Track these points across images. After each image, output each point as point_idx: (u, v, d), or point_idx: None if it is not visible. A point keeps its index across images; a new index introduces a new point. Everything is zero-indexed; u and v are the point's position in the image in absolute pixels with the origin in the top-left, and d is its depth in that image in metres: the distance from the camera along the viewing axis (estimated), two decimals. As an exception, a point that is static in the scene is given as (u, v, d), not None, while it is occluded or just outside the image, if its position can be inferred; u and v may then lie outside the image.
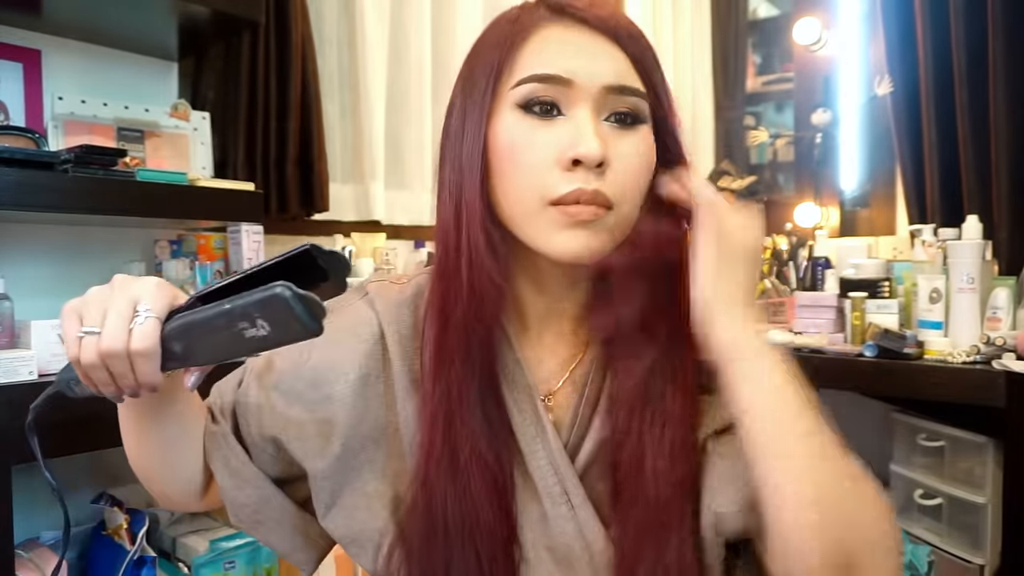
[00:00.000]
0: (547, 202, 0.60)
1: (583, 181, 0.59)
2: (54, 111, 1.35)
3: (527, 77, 0.60)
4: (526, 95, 0.61)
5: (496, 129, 0.62)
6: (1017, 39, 1.56)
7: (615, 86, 0.61)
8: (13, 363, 1.06)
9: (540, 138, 0.60)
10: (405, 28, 2.02)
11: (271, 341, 0.51)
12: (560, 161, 0.59)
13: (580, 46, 0.61)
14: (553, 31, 0.62)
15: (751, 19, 2.71)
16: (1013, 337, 1.33)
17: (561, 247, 0.60)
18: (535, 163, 0.60)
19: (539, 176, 0.60)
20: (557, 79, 0.60)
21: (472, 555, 0.62)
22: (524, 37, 0.62)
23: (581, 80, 0.60)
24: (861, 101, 2.15)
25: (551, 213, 0.60)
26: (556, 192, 0.59)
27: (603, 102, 0.61)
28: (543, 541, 0.64)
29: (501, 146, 0.61)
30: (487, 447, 0.64)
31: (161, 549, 1.38)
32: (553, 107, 0.61)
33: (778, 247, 1.87)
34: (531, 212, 0.61)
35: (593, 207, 0.59)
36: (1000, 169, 1.58)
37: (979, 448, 1.41)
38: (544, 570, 0.64)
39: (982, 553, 1.40)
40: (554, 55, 0.61)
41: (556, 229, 0.60)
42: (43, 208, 1.14)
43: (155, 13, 1.39)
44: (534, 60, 0.61)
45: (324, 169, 1.73)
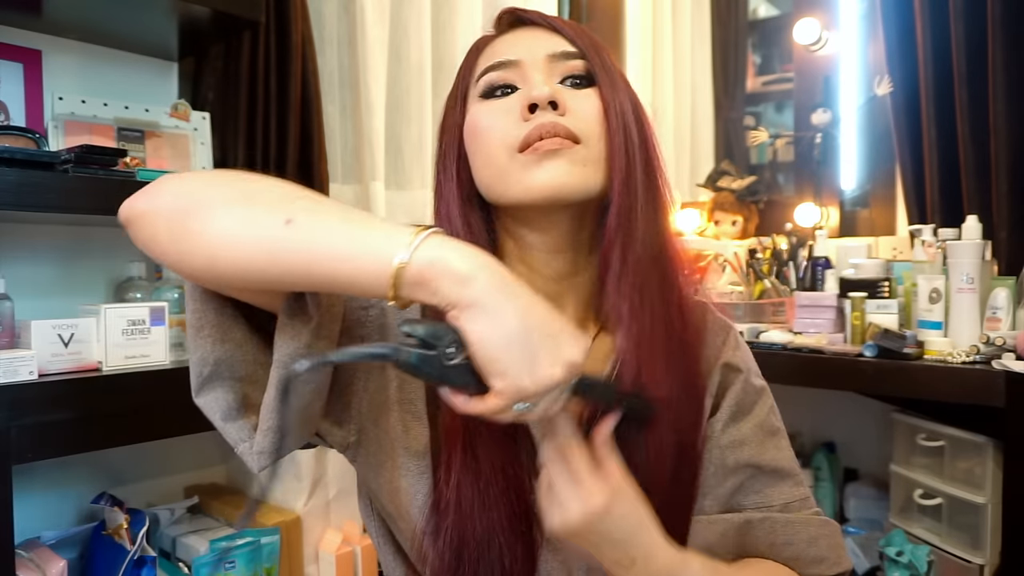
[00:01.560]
0: (515, 150, 0.65)
1: (541, 119, 0.64)
2: (54, 111, 1.35)
3: (481, 72, 0.69)
4: (485, 85, 0.69)
5: (467, 121, 0.70)
6: (1017, 39, 1.56)
7: (556, 53, 0.68)
8: (13, 363, 1.06)
9: (500, 107, 0.67)
10: (405, 28, 2.02)
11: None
12: (520, 115, 0.65)
13: (521, 37, 0.71)
14: (501, 36, 0.72)
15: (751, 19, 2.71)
16: (1013, 337, 1.33)
17: (536, 182, 0.64)
18: (499, 127, 0.66)
19: (503, 134, 0.65)
20: (504, 63, 0.68)
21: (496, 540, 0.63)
22: (481, 50, 0.72)
23: (525, 56, 0.68)
24: (861, 101, 2.15)
25: (520, 159, 0.65)
26: (520, 139, 0.64)
27: (551, 69, 0.68)
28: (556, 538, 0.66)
29: (472, 128, 0.68)
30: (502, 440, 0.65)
31: (161, 549, 1.38)
32: (509, 87, 0.68)
33: (778, 247, 1.87)
34: (504, 166, 0.65)
35: (556, 137, 0.63)
36: (1000, 169, 1.58)
37: (979, 448, 1.41)
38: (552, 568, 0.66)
39: (982, 553, 1.40)
40: (503, 49, 0.70)
41: (528, 170, 0.64)
42: (43, 208, 1.14)
43: (155, 13, 1.39)
44: (488, 59, 0.70)
45: (324, 169, 1.73)
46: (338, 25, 1.91)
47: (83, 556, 1.32)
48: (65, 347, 1.14)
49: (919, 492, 1.55)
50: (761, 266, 1.85)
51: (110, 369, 1.18)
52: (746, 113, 2.65)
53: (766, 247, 1.91)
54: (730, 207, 2.24)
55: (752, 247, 1.97)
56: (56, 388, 1.08)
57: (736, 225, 2.23)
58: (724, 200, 2.26)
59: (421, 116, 2.04)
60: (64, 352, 1.14)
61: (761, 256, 1.90)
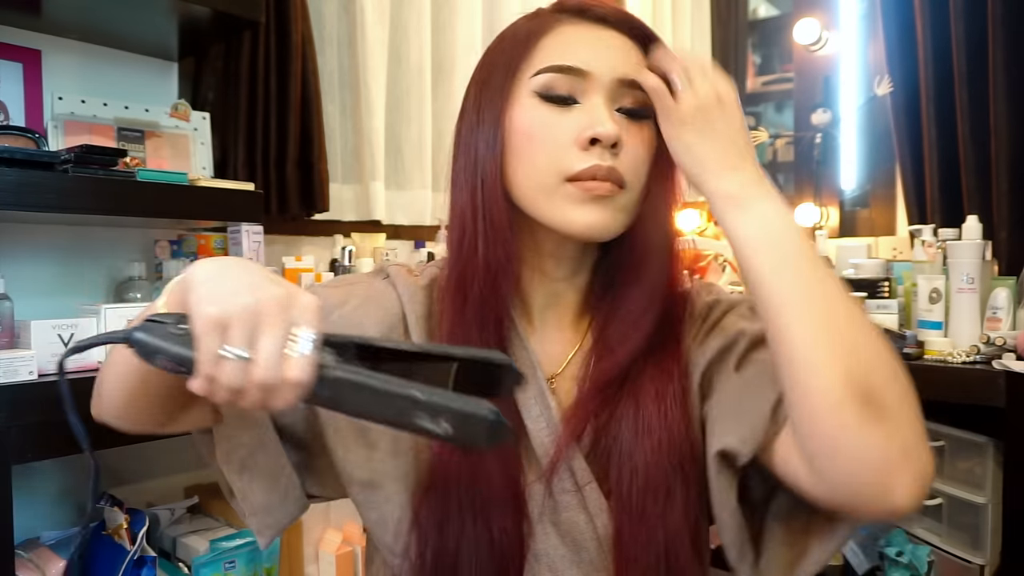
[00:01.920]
0: (564, 178, 0.63)
1: (599, 158, 0.63)
2: (54, 111, 1.35)
3: (546, 67, 0.65)
4: (544, 84, 0.65)
5: (515, 113, 0.66)
6: (1017, 39, 1.56)
7: (627, 79, 0.65)
8: (13, 363, 1.06)
9: (558, 120, 0.64)
10: (405, 28, 2.02)
11: (442, 438, 0.48)
12: (578, 141, 0.63)
13: (597, 39, 0.66)
14: (571, 27, 0.67)
15: (751, 19, 2.71)
16: (1013, 337, 1.33)
17: (577, 221, 0.64)
18: (554, 142, 0.64)
19: (557, 154, 0.64)
20: (574, 70, 0.64)
21: (484, 532, 0.64)
22: (543, 32, 0.67)
23: (596, 71, 0.64)
24: (861, 101, 2.15)
25: (568, 189, 0.64)
26: (573, 168, 0.63)
27: (615, 94, 0.65)
28: (549, 516, 0.66)
29: (520, 128, 0.65)
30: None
31: (161, 549, 1.38)
32: (569, 98, 0.65)
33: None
34: (549, 188, 0.64)
35: (608, 183, 0.63)
36: (1000, 169, 1.58)
37: (979, 448, 1.41)
38: (550, 544, 0.66)
39: (982, 553, 1.40)
40: (572, 47, 0.65)
41: (572, 204, 0.64)
42: (43, 208, 1.14)
43: (155, 13, 1.39)
44: (553, 52, 0.65)
45: (324, 169, 1.73)
46: (338, 25, 1.91)
47: (83, 556, 1.32)
48: (65, 347, 1.14)
49: (919, 492, 1.55)
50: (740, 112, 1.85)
51: (110, 369, 1.18)
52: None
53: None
54: (730, 207, 2.24)
55: (752, 247, 1.96)
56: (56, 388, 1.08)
57: (736, 225, 2.23)
58: (724, 200, 2.25)
59: (421, 116, 2.04)
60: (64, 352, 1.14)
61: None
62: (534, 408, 0.68)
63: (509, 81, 0.66)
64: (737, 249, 0.60)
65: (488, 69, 0.69)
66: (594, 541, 0.66)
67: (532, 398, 0.68)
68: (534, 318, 0.72)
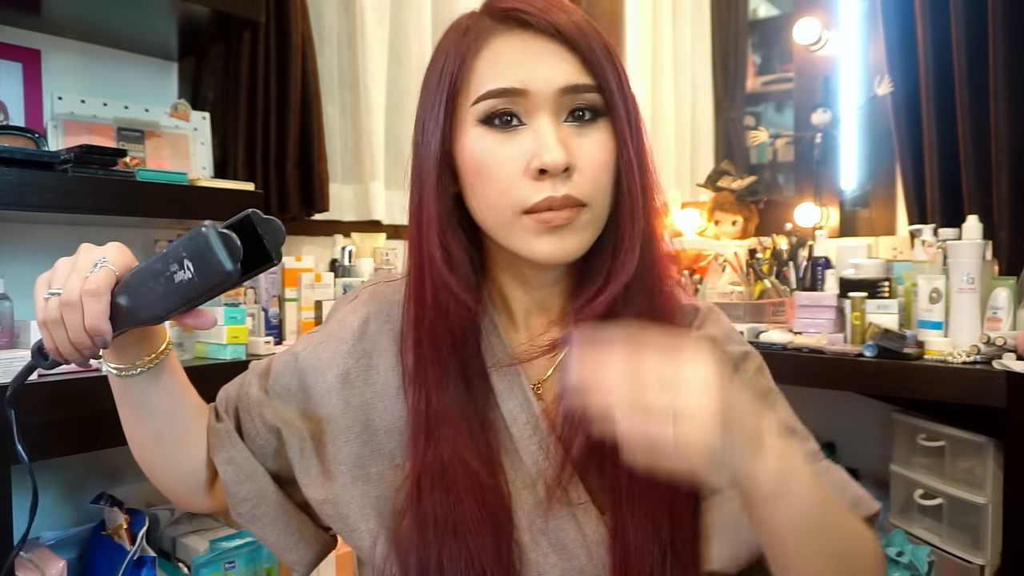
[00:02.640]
0: (520, 211, 0.62)
1: (552, 189, 0.61)
2: (54, 111, 1.35)
3: (484, 94, 0.62)
4: (485, 111, 0.62)
5: (462, 145, 0.64)
6: (1017, 39, 1.56)
7: (568, 87, 0.62)
8: (13, 363, 1.06)
9: (505, 151, 0.62)
10: (405, 28, 2.02)
11: (196, 285, 0.55)
12: (528, 171, 0.61)
13: (529, 54, 0.62)
14: (502, 42, 0.63)
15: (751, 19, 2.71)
16: (1013, 337, 1.33)
17: (539, 252, 0.63)
18: (503, 176, 0.62)
19: (509, 188, 0.62)
20: (512, 91, 0.62)
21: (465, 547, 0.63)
22: (475, 52, 0.63)
23: (535, 88, 0.61)
24: (861, 101, 2.15)
25: (525, 221, 0.62)
26: (528, 202, 0.61)
27: (559, 104, 0.62)
28: (539, 525, 0.66)
29: (469, 162, 0.64)
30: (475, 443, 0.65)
31: (161, 549, 1.38)
32: (512, 117, 0.62)
33: (778, 247, 1.87)
34: (506, 222, 0.63)
35: (566, 211, 0.61)
36: (1000, 169, 1.58)
37: (979, 448, 1.41)
38: (540, 553, 0.65)
39: (982, 553, 1.40)
40: (506, 67, 0.62)
41: (532, 236, 0.63)
42: (43, 208, 1.14)
43: (155, 13, 1.39)
44: (488, 75, 0.63)
45: (324, 169, 1.73)
46: (338, 25, 1.91)
47: (83, 556, 1.32)
48: (65, 347, 1.14)
49: (919, 492, 1.55)
50: (761, 266, 1.85)
51: (110, 369, 1.18)
52: (746, 113, 2.65)
53: (766, 247, 1.91)
54: (730, 207, 2.24)
55: (752, 247, 1.96)
56: (56, 388, 1.08)
57: (736, 225, 2.23)
58: (724, 200, 2.26)
59: (421, 116, 2.04)
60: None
61: (761, 256, 1.90)
62: (520, 416, 0.67)
63: (451, 112, 0.64)
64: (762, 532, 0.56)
65: (429, 95, 0.66)
66: (583, 548, 0.65)
67: (518, 406, 0.67)
68: (519, 324, 0.71)
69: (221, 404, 0.76)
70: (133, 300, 0.60)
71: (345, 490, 0.68)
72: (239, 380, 0.78)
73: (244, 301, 1.43)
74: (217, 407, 0.76)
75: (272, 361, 0.76)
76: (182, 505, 0.80)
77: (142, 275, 0.60)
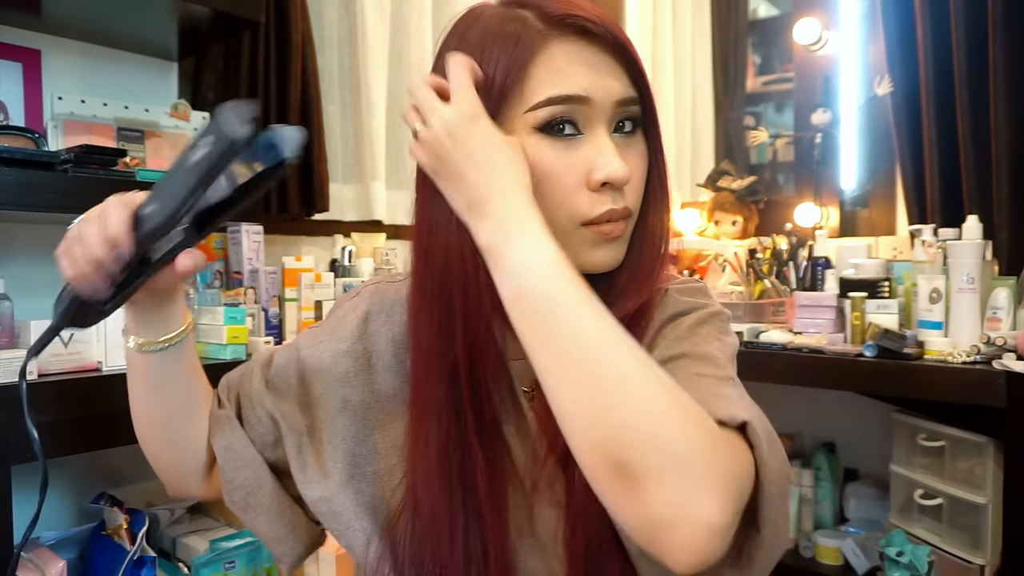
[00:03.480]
0: (579, 223, 0.62)
1: (612, 201, 0.62)
2: (54, 111, 1.35)
3: (545, 100, 0.60)
4: (546, 118, 0.61)
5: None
6: (1017, 39, 1.56)
7: (624, 99, 0.63)
8: (13, 363, 1.06)
9: (566, 162, 0.61)
10: (405, 28, 2.02)
11: (209, 156, 0.54)
12: (588, 183, 0.62)
13: (589, 62, 0.61)
14: (559, 49, 0.61)
15: (751, 19, 2.71)
16: (1013, 337, 1.33)
17: (595, 262, 0.64)
18: (564, 188, 0.62)
19: (569, 199, 0.62)
20: (576, 99, 0.61)
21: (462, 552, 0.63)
22: (530, 57, 0.61)
23: (597, 97, 0.61)
24: (861, 101, 2.15)
25: (584, 233, 0.63)
26: (589, 215, 0.62)
27: (613, 115, 0.63)
28: (526, 529, 0.66)
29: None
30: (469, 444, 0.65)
31: (161, 549, 1.38)
32: (570, 125, 0.62)
33: (778, 247, 1.87)
34: (564, 232, 0.62)
35: (622, 223, 0.63)
36: (1000, 169, 1.58)
37: (979, 448, 1.41)
38: (531, 561, 0.65)
39: (982, 553, 1.40)
40: (570, 75, 0.61)
41: (589, 247, 0.64)
42: (43, 208, 1.14)
43: (155, 13, 1.39)
44: (549, 82, 0.60)
45: (324, 169, 1.73)
46: (338, 25, 1.91)
47: (83, 556, 1.32)
48: (65, 347, 1.14)
49: (919, 492, 1.55)
50: (761, 266, 1.85)
51: (110, 369, 1.18)
52: (746, 113, 2.65)
53: (766, 247, 1.91)
54: (730, 207, 2.24)
55: (752, 247, 1.96)
56: (56, 388, 1.08)
57: (736, 225, 2.23)
58: (724, 200, 2.26)
59: (421, 116, 2.04)
60: (64, 352, 1.14)
61: (761, 256, 1.90)
62: (512, 420, 0.67)
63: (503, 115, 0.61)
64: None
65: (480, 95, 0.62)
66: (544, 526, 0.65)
67: (509, 410, 0.67)
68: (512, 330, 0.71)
69: (223, 391, 0.77)
70: (152, 205, 0.60)
71: (340, 489, 0.69)
72: (242, 368, 0.79)
73: (244, 301, 1.43)
74: (219, 393, 0.77)
75: (275, 353, 0.76)
76: (177, 490, 0.80)
77: (164, 176, 0.59)
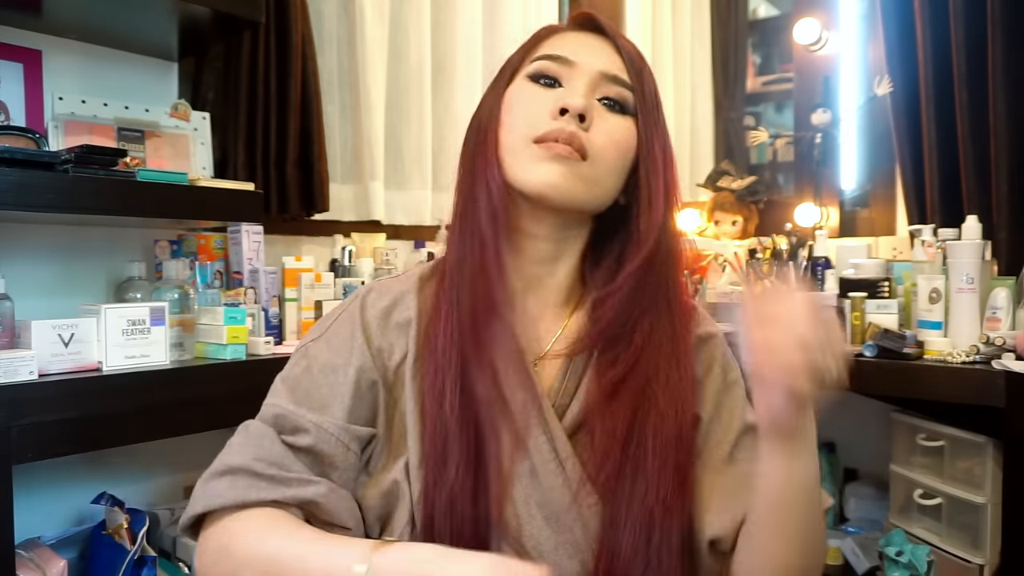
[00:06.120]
0: (531, 140, 0.70)
1: (564, 124, 0.69)
2: (54, 111, 1.35)
3: (539, 56, 0.75)
4: (536, 69, 0.74)
5: (508, 92, 0.75)
6: (1017, 39, 1.56)
7: (608, 74, 0.73)
8: (13, 363, 1.06)
9: (540, 96, 0.72)
10: (405, 28, 2.02)
11: None
12: (551, 112, 0.70)
13: (586, 43, 0.75)
14: (570, 34, 0.77)
15: (751, 19, 2.71)
16: (1013, 337, 1.33)
17: (533, 176, 0.70)
18: (529, 112, 0.72)
19: (531, 121, 0.71)
20: (562, 59, 0.73)
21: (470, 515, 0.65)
22: (547, 36, 0.78)
23: (581, 62, 0.73)
24: (861, 101, 2.15)
25: (532, 149, 0.70)
26: (539, 131, 0.70)
27: (596, 85, 0.73)
28: (534, 497, 0.68)
29: (508, 101, 0.74)
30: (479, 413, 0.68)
31: (161, 549, 1.38)
32: (555, 81, 0.73)
33: (778, 247, 1.87)
34: (517, 149, 0.71)
35: (568, 147, 0.69)
36: (1000, 169, 1.58)
37: (979, 448, 1.41)
38: (535, 526, 0.68)
39: (982, 553, 1.40)
40: (565, 43, 0.75)
41: (534, 161, 0.70)
42: (43, 208, 1.14)
43: (155, 13, 1.39)
44: (548, 47, 0.76)
45: (324, 169, 1.73)
46: (338, 25, 1.91)
47: (83, 556, 1.32)
48: (65, 347, 1.14)
49: (919, 492, 1.55)
50: (761, 266, 1.85)
51: (110, 369, 1.18)
52: (746, 113, 2.65)
53: (766, 247, 1.91)
54: (730, 207, 2.24)
55: (752, 247, 1.96)
56: (56, 388, 1.08)
57: (736, 225, 2.23)
58: (724, 200, 2.25)
59: (421, 116, 2.04)
60: (64, 352, 1.14)
61: (761, 256, 1.90)
62: (519, 391, 0.69)
63: (511, 70, 0.76)
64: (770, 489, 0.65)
65: (503, 65, 0.78)
66: (578, 522, 0.68)
67: (517, 383, 0.70)
68: (516, 303, 0.74)
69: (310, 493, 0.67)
70: None
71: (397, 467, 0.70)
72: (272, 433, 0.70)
73: (244, 301, 1.43)
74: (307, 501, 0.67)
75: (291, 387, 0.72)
76: None
77: None
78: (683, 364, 0.72)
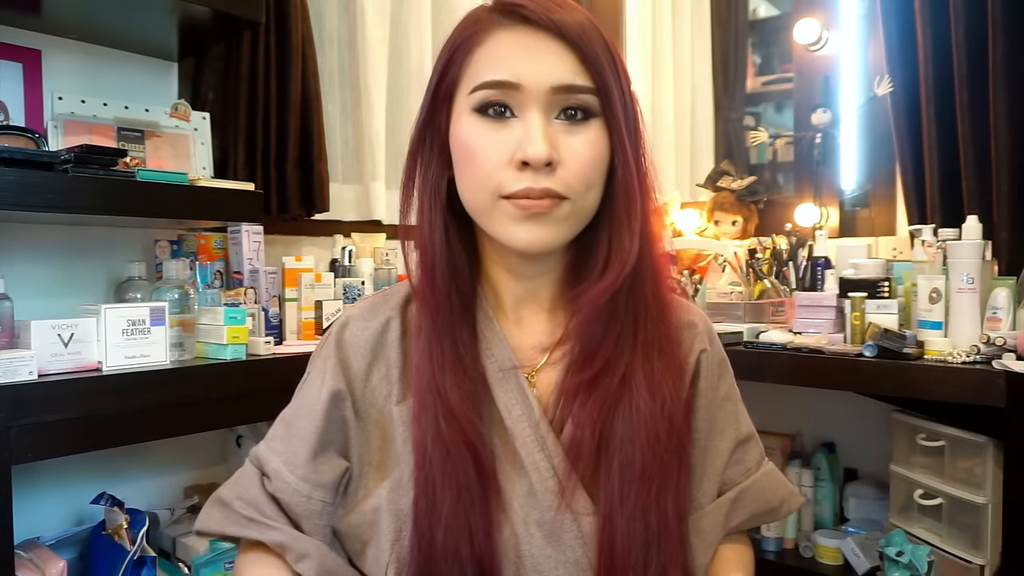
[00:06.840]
0: (499, 196, 0.65)
1: (532, 180, 0.63)
2: (54, 111, 1.35)
3: (480, 84, 0.65)
4: (480, 100, 0.65)
5: (456, 131, 0.67)
6: (1017, 39, 1.56)
7: (561, 86, 0.64)
8: (13, 363, 1.06)
9: (494, 140, 0.65)
10: (405, 28, 2.02)
11: None
12: (511, 161, 0.64)
13: (527, 49, 0.64)
14: (503, 36, 0.66)
15: (751, 19, 2.71)
16: (1013, 337, 1.33)
17: (516, 238, 0.66)
18: (489, 162, 0.64)
19: (493, 174, 0.64)
20: (506, 84, 0.64)
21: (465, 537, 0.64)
22: (477, 43, 0.66)
23: (528, 83, 0.64)
24: (861, 101, 2.15)
25: (504, 206, 0.65)
26: (507, 189, 0.64)
27: (551, 101, 0.64)
28: (533, 516, 0.67)
29: (460, 147, 0.67)
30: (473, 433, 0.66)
31: (161, 549, 1.38)
32: (505, 109, 0.65)
33: (778, 247, 1.87)
34: (487, 205, 0.65)
35: (545, 200, 0.63)
36: (1000, 169, 1.58)
37: (979, 448, 1.41)
38: (535, 546, 0.66)
39: (982, 553, 1.40)
40: (504, 61, 0.64)
41: (511, 221, 0.65)
42: (43, 208, 1.14)
43: (155, 13, 1.39)
44: (485, 67, 0.65)
45: (324, 169, 1.73)
46: (338, 25, 1.91)
47: (83, 556, 1.32)
48: (65, 347, 1.14)
49: (919, 492, 1.55)
50: (761, 266, 1.85)
51: (110, 369, 1.18)
52: (746, 113, 2.65)
53: (766, 247, 1.91)
54: (730, 207, 2.24)
55: (752, 247, 1.96)
56: (56, 388, 1.08)
57: (736, 225, 2.23)
58: (724, 200, 2.25)
59: (421, 116, 2.04)
60: (64, 352, 1.14)
61: (761, 256, 1.90)
62: (515, 408, 0.68)
63: (449, 99, 0.68)
64: None
65: (435, 81, 0.70)
66: (579, 540, 0.66)
67: (513, 397, 0.68)
68: (509, 314, 0.73)
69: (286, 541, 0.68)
70: None
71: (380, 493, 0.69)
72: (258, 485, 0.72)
73: (244, 301, 1.43)
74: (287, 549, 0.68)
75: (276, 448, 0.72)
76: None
77: None
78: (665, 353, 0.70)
